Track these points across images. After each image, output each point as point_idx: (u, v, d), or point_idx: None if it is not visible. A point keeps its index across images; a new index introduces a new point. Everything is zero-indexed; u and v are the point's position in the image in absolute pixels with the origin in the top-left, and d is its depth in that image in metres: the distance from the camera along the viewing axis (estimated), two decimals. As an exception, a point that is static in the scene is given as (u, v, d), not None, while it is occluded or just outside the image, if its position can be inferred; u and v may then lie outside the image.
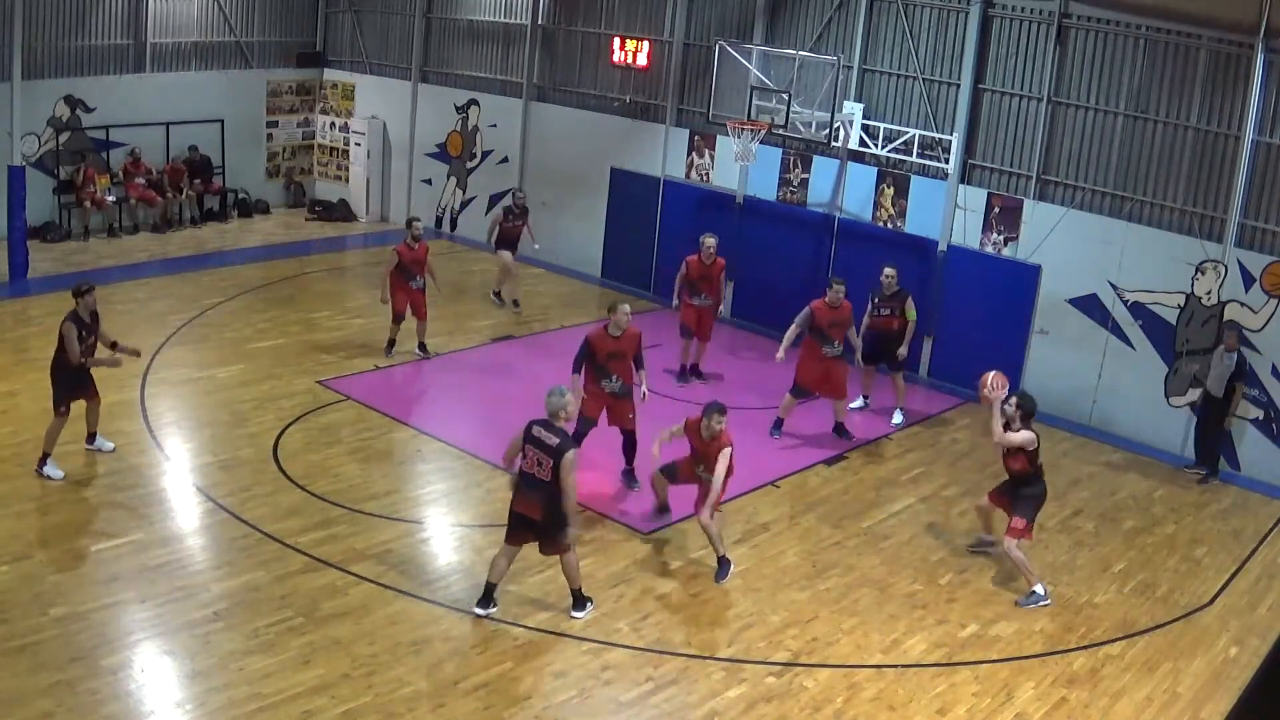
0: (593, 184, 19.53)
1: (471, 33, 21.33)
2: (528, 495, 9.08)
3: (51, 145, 19.49)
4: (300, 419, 12.85)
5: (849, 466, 12.96)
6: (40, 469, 10.99)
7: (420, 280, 14.87)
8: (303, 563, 9.85)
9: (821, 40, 16.71)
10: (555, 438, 8.97)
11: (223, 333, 15.51)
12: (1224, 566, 11.32)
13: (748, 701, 8.54)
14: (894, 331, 13.99)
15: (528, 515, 9.09)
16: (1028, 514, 10.29)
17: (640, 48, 18.60)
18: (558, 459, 8.88)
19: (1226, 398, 13.09)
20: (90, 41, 19.94)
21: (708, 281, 14.91)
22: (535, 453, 9.01)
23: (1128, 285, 14.35)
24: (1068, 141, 14.79)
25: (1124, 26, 14.16)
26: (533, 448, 9.04)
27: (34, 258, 17.50)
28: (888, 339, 14.03)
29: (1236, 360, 13.00)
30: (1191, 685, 9.20)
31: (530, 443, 9.06)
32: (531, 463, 9.04)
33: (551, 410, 9.12)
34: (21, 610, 8.76)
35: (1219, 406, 13.19)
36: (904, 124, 15.88)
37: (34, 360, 13.80)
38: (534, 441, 9.04)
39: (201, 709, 7.89)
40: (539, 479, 8.99)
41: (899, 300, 13.94)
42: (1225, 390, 13.06)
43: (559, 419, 9.10)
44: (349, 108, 23.17)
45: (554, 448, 8.92)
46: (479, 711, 8.16)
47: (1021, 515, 10.26)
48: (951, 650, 9.42)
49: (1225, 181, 13.60)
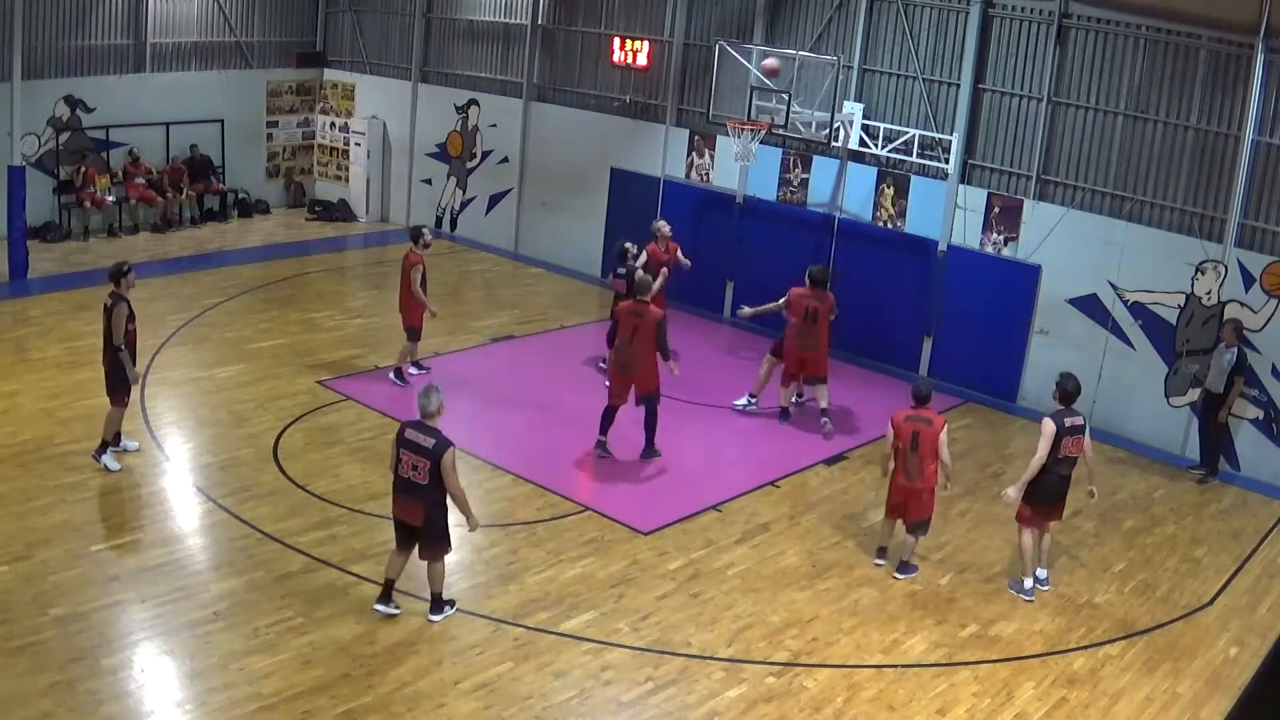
0: (593, 184, 19.53)
1: (471, 33, 21.33)
2: (406, 500, 8.83)
3: (51, 145, 19.48)
4: (300, 419, 12.85)
5: (849, 466, 12.95)
6: (99, 455, 11.13)
7: None
8: (303, 563, 9.85)
9: (821, 40, 16.71)
10: (430, 439, 8.67)
11: (223, 333, 15.51)
12: (1224, 566, 11.32)
13: (748, 701, 8.54)
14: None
15: (408, 521, 8.89)
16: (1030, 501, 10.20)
17: (640, 48, 18.59)
18: (435, 460, 8.61)
19: (1226, 392, 13.08)
20: (90, 41, 19.94)
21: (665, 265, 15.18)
22: (410, 456, 8.70)
23: (1128, 285, 14.35)
24: (1068, 141, 14.79)
25: (1124, 26, 14.16)
26: (407, 451, 8.71)
27: (34, 258, 17.50)
28: None
29: (1236, 355, 12.98)
30: (1191, 685, 9.20)
31: (404, 447, 8.74)
32: (407, 467, 8.73)
33: (424, 411, 8.78)
34: (21, 610, 8.76)
35: (1218, 402, 13.20)
36: (904, 124, 15.88)
37: (34, 360, 13.83)
38: (408, 445, 8.72)
39: (201, 709, 7.89)
40: (415, 483, 8.73)
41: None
42: (1225, 385, 13.05)
43: (433, 419, 8.76)
44: (349, 108, 23.17)
45: (430, 449, 8.63)
46: (479, 711, 8.16)
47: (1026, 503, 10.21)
48: (951, 650, 9.42)
49: (1225, 181, 13.60)
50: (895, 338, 16.28)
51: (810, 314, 13.43)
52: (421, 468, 8.68)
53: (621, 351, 12.38)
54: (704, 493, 11.89)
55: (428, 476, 8.67)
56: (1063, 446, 9.90)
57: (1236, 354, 12.97)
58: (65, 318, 15.46)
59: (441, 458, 8.61)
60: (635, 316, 12.25)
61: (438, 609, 9.19)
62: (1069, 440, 9.91)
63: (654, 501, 11.69)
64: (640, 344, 12.19)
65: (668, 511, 11.42)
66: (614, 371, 12.54)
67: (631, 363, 12.27)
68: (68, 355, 14.10)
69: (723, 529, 11.19)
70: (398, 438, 8.82)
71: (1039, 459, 9.88)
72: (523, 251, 20.76)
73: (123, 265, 11.27)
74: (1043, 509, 10.20)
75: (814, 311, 13.42)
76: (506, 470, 12.03)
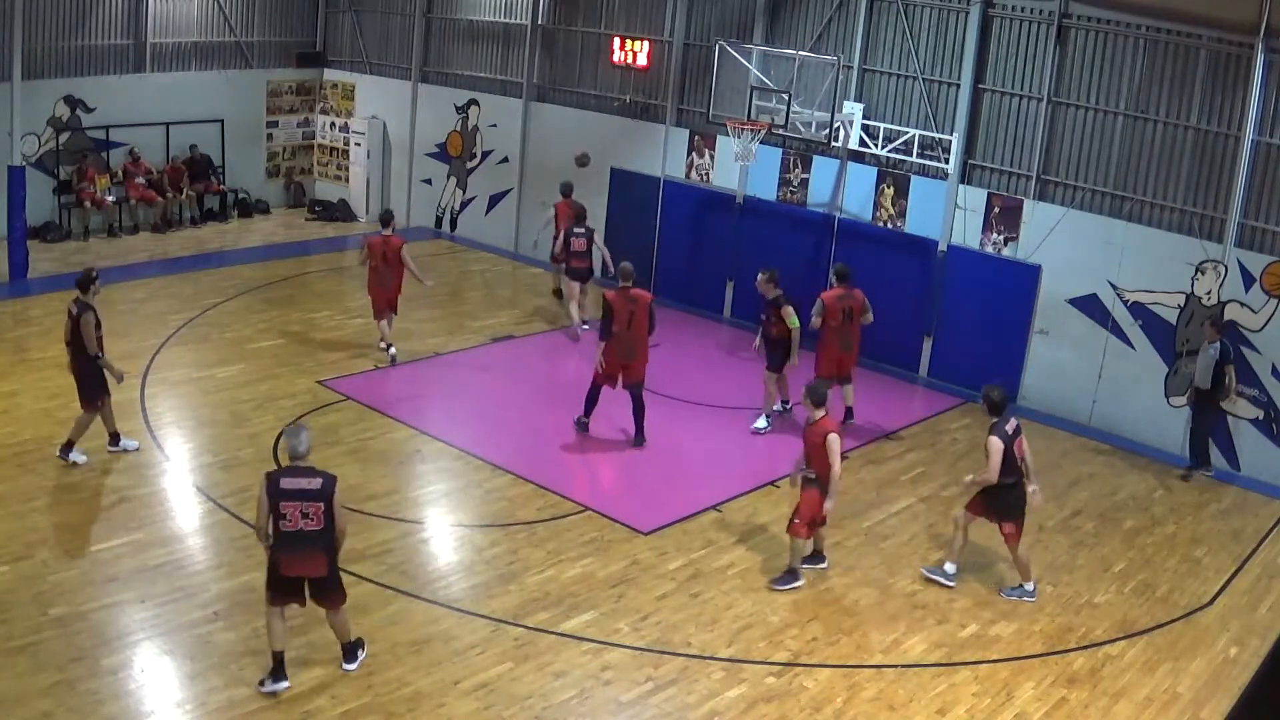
0: (593, 184, 19.52)
1: (471, 33, 21.33)
2: (303, 554, 7.91)
3: (51, 145, 19.50)
4: (300, 419, 12.85)
5: (849, 466, 12.89)
6: (65, 454, 11.16)
7: None
8: (303, 563, 9.84)
9: (821, 40, 16.71)
10: (315, 478, 7.90)
11: (223, 333, 15.51)
12: (1224, 566, 11.32)
13: (748, 701, 8.54)
14: (780, 340, 13.38)
15: (310, 575, 8.03)
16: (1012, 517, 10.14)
17: (640, 48, 18.59)
18: (328, 499, 7.87)
19: (1214, 389, 13.06)
20: (90, 41, 19.94)
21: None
22: (297, 505, 7.81)
23: (1128, 285, 14.35)
24: (1068, 141, 14.79)
25: (1124, 26, 14.16)
26: (292, 502, 7.81)
27: (34, 258, 17.50)
28: (776, 346, 13.46)
29: (1220, 349, 12.96)
30: (1191, 685, 9.19)
31: (286, 498, 7.81)
32: (295, 518, 7.82)
33: (295, 453, 7.98)
34: (21, 610, 8.76)
35: (1208, 399, 13.18)
36: (904, 124, 15.88)
37: (34, 360, 13.82)
38: (290, 495, 7.82)
39: (201, 709, 7.89)
40: (309, 532, 7.86)
41: (775, 308, 13.33)
42: (1213, 380, 13.00)
43: (305, 460, 7.98)
44: (349, 108, 23.18)
45: (320, 490, 7.87)
46: (479, 711, 8.16)
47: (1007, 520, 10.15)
48: (951, 650, 9.42)
49: (1225, 181, 13.59)
50: (895, 338, 16.26)
51: (848, 314, 13.42)
52: (314, 513, 7.84)
53: (622, 340, 12.51)
54: (704, 493, 11.90)
55: (322, 520, 7.87)
56: (1012, 452, 9.92)
57: (1220, 348, 12.95)
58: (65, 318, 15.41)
59: (333, 494, 7.90)
60: (629, 303, 12.49)
61: (352, 656, 8.47)
62: (1013, 448, 9.94)
63: (654, 501, 11.69)
64: (637, 329, 12.52)
65: (668, 511, 11.42)
66: (614, 359, 12.63)
67: (635, 349, 12.56)
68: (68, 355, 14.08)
69: (723, 529, 11.19)
70: (271, 491, 7.82)
71: (991, 478, 9.83)
72: (523, 251, 20.76)
73: (90, 272, 11.39)
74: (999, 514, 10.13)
75: (850, 311, 13.43)
76: (506, 470, 12.03)
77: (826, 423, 9.95)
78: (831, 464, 9.82)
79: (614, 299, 12.55)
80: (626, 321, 12.45)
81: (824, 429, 9.88)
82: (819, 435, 9.89)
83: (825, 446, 9.81)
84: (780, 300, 13.30)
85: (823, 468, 9.90)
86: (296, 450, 8.00)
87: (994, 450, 9.79)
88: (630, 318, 12.46)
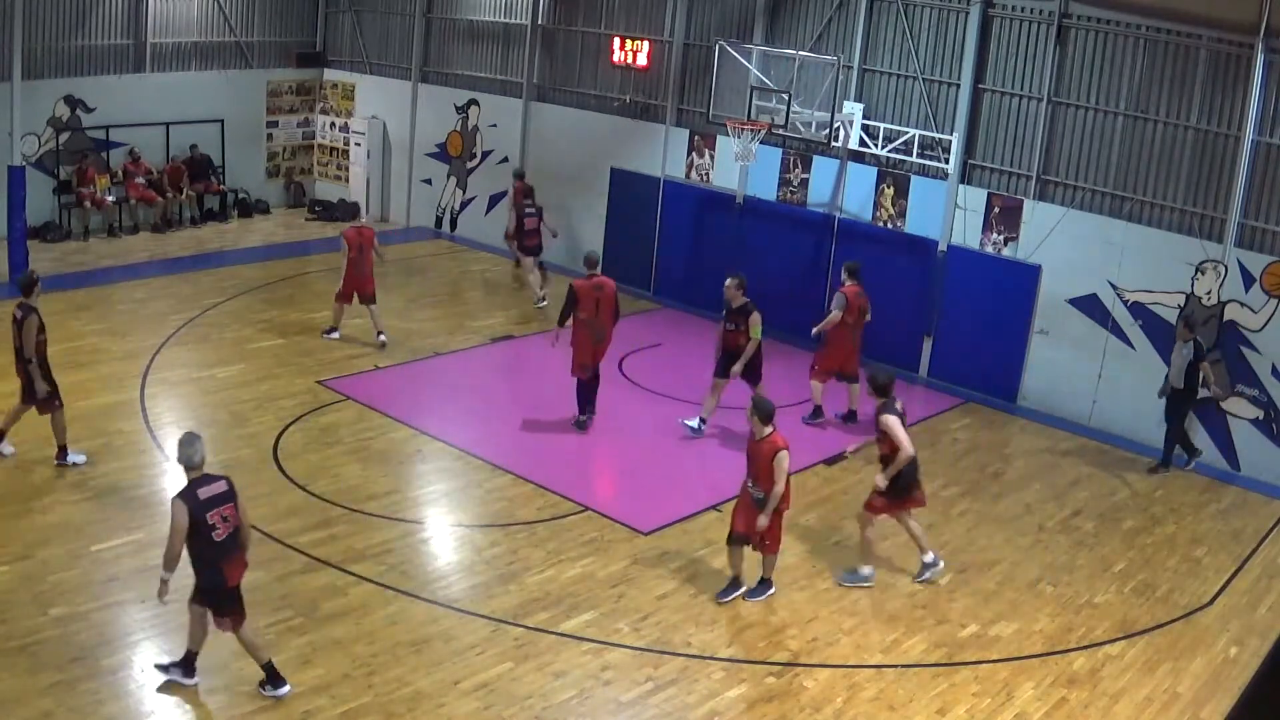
0: (593, 184, 19.53)
1: (471, 33, 21.33)
2: (238, 557, 7.90)
3: (51, 145, 19.50)
4: (300, 419, 12.85)
5: (849, 466, 12.93)
6: (62, 459, 11.16)
7: None
8: (303, 563, 9.85)
9: (821, 40, 16.71)
10: (221, 482, 7.82)
11: (223, 333, 15.51)
12: (1224, 566, 11.32)
13: (748, 701, 8.54)
14: (736, 348, 12.92)
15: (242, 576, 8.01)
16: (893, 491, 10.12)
17: (640, 48, 18.60)
18: (237, 497, 7.86)
19: (1190, 388, 13.07)
20: (90, 41, 19.94)
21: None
22: (218, 511, 7.71)
23: (1128, 285, 14.34)
24: (1068, 141, 14.79)
25: (1124, 26, 14.16)
26: (214, 510, 7.69)
27: (34, 258, 17.45)
28: (735, 357, 12.94)
29: (1194, 348, 12.96)
30: (1191, 685, 9.20)
31: (208, 507, 7.67)
32: (221, 525, 7.72)
33: (191, 463, 7.81)
34: (21, 610, 8.76)
35: (1182, 398, 13.18)
36: (904, 124, 15.88)
37: (34, 360, 13.82)
38: (210, 503, 7.69)
39: (201, 709, 7.89)
40: (234, 534, 7.83)
41: (743, 315, 12.86)
42: (1187, 380, 13.02)
43: (200, 470, 7.83)
44: (349, 108, 23.17)
45: (229, 490, 7.83)
46: (479, 711, 8.16)
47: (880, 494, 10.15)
48: (951, 650, 9.42)
49: (1225, 181, 13.59)
50: (895, 338, 16.26)
51: (863, 310, 13.72)
52: (230, 515, 7.78)
53: (591, 326, 12.75)
54: (704, 493, 11.89)
55: (236, 520, 7.83)
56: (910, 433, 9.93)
57: (1194, 347, 12.96)
58: (65, 318, 15.42)
59: (236, 491, 7.84)
60: (596, 290, 12.86)
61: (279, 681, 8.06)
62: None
63: (654, 501, 11.69)
64: (604, 314, 12.87)
65: (668, 511, 11.42)
66: (587, 347, 12.84)
67: (603, 334, 12.91)
68: (68, 355, 14.05)
69: (723, 529, 11.13)
70: (195, 506, 7.63)
71: (907, 452, 9.87)
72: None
73: (32, 274, 11.40)
74: (902, 497, 10.17)
75: (864, 308, 13.72)
76: (506, 470, 12.03)
77: (777, 439, 9.50)
78: (776, 482, 9.40)
79: (580, 286, 12.89)
80: (593, 308, 12.79)
81: (774, 446, 9.44)
82: (768, 452, 9.44)
83: (774, 464, 9.40)
84: (749, 308, 12.87)
85: (770, 486, 9.45)
86: (192, 461, 7.78)
87: (895, 426, 9.85)
88: (596, 305, 12.80)
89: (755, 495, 9.59)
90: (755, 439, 9.61)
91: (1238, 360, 13.55)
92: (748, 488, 9.72)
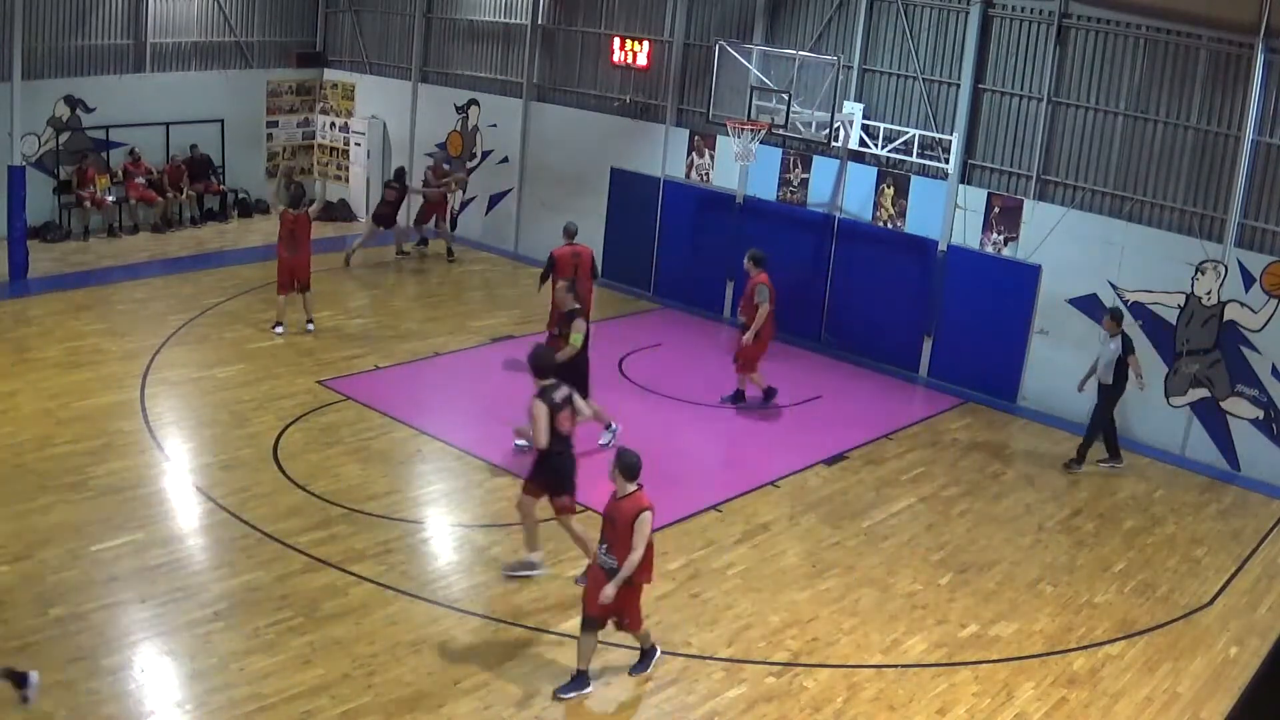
0: (593, 184, 19.53)
1: (471, 33, 21.33)
2: None
3: (51, 145, 19.49)
4: (300, 419, 12.85)
5: (849, 466, 12.95)
6: None
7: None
8: (303, 563, 9.85)
9: (821, 40, 16.71)
10: None
11: (223, 333, 15.51)
12: (1224, 566, 11.32)
13: (748, 701, 8.54)
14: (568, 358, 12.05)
15: None
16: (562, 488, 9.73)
17: (640, 48, 18.59)
18: None
19: (1119, 384, 13.02)
20: (90, 41, 19.94)
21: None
22: None
23: (1128, 285, 14.34)
24: (1068, 141, 14.79)
25: (1124, 26, 14.16)
26: None
27: (34, 258, 17.49)
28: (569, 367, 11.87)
29: (1122, 342, 12.91)
30: (1191, 685, 9.20)
31: None
32: None
33: None
34: (21, 610, 8.76)
35: (1109, 394, 13.09)
36: (904, 124, 15.88)
37: (34, 360, 13.84)
38: None
39: (201, 709, 7.89)
40: None
41: (567, 322, 12.36)
42: (1115, 375, 12.96)
43: None
44: (349, 108, 23.17)
45: None
46: (479, 711, 8.16)
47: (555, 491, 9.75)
48: (951, 650, 9.42)
49: (1225, 181, 13.60)
50: (895, 338, 16.29)
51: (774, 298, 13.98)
52: None
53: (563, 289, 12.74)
54: (704, 493, 11.90)
55: None
56: (559, 423, 9.49)
57: (1122, 341, 12.92)
58: (65, 318, 15.46)
59: None
60: (574, 257, 14.06)
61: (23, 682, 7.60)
62: (562, 415, 9.53)
63: (654, 501, 11.64)
64: (583, 278, 13.80)
65: (668, 511, 11.35)
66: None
67: (584, 298, 13.27)
68: (68, 355, 14.10)
69: (723, 529, 11.19)
70: None
71: (541, 443, 9.44)
72: (523, 251, 20.76)
73: None
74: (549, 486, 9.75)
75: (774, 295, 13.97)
76: (506, 470, 12.03)
77: (642, 498, 8.27)
78: (634, 548, 8.13)
79: (559, 253, 14.06)
80: (572, 271, 13.69)
81: (638, 505, 8.21)
82: (630, 512, 8.19)
83: (635, 526, 8.14)
84: (576, 313, 12.34)
85: (626, 552, 8.17)
86: None
87: (538, 414, 9.38)
88: (575, 269, 13.81)
89: (607, 564, 8.30)
90: (616, 497, 8.33)
91: (1238, 360, 13.55)
92: (599, 556, 8.47)
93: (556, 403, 9.56)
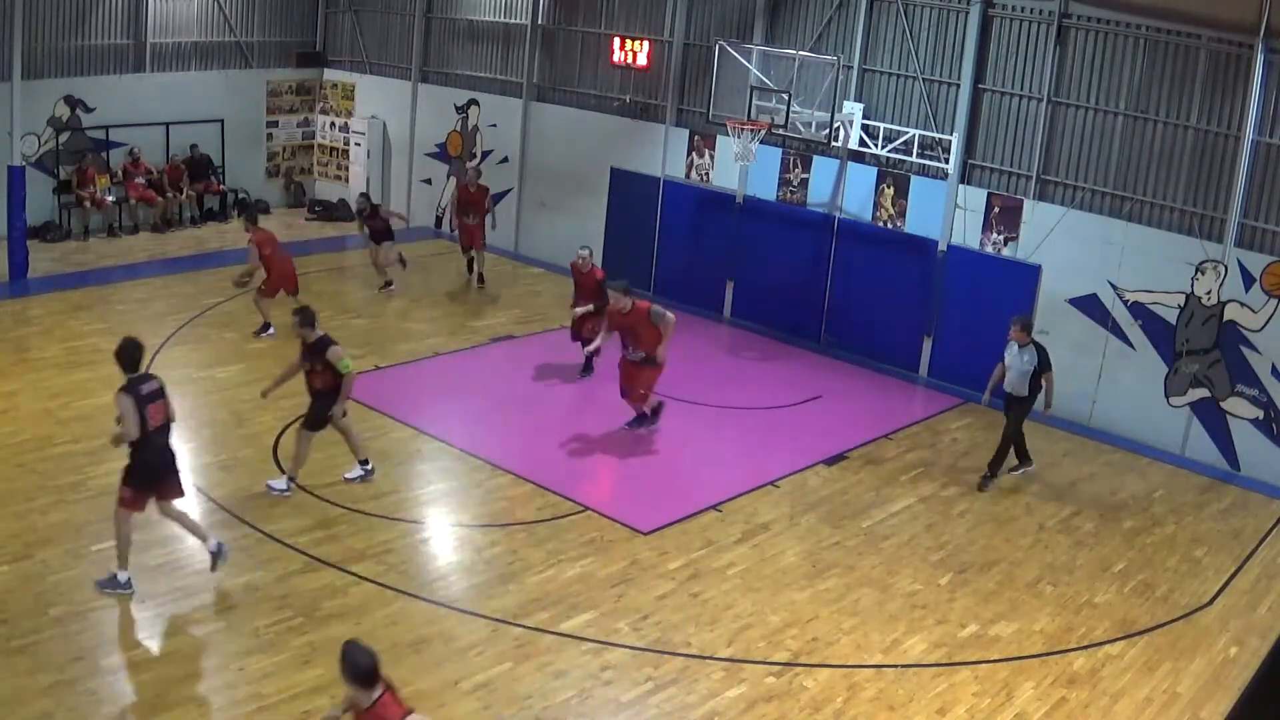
0: (593, 184, 19.54)
1: (471, 33, 21.34)
2: None
3: (51, 145, 19.49)
4: (300, 419, 12.82)
5: (849, 466, 12.96)
6: None
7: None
8: (303, 563, 9.85)
9: (821, 40, 16.71)
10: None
11: (223, 333, 15.51)
12: (1224, 566, 11.32)
13: (748, 701, 8.54)
14: (323, 391, 11.00)
15: None
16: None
17: (640, 48, 18.60)
18: None
19: (1031, 397, 12.38)
20: (90, 41, 19.95)
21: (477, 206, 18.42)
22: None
23: (1128, 285, 14.35)
24: (1068, 141, 14.79)
25: (1124, 26, 14.16)
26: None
27: (34, 258, 17.49)
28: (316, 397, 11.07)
29: (1038, 355, 12.20)
30: (1191, 685, 9.20)
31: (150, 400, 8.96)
32: None
33: None
34: (21, 610, 8.76)
35: (1022, 405, 12.48)
36: (904, 124, 15.88)
37: (34, 360, 13.84)
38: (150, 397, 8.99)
39: (201, 709, 7.89)
40: None
41: (319, 352, 10.90)
42: (1030, 387, 12.31)
43: None
44: (349, 108, 23.18)
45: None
46: (479, 711, 8.16)
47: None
48: (951, 650, 9.42)
49: (1225, 181, 13.60)
50: (895, 338, 16.29)
51: None
52: None
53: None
54: (704, 493, 11.90)
55: None
56: (150, 416, 9.06)
57: (1037, 354, 12.23)
58: (65, 318, 15.46)
59: None
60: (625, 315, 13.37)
61: None
62: (152, 408, 9.09)
63: (654, 501, 11.69)
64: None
65: (668, 511, 11.42)
66: None
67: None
68: (68, 355, 14.10)
69: (723, 529, 11.19)
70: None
71: (131, 434, 8.90)
72: (523, 251, 20.77)
73: None
74: (153, 485, 9.26)
75: None
76: (506, 470, 12.03)
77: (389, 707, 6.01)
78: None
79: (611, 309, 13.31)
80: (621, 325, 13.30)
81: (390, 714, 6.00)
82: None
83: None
84: (326, 341, 10.93)
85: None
86: None
87: (125, 407, 8.86)
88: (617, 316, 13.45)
89: None
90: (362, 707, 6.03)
91: (1238, 360, 13.56)
92: None
93: (144, 395, 9.02)
